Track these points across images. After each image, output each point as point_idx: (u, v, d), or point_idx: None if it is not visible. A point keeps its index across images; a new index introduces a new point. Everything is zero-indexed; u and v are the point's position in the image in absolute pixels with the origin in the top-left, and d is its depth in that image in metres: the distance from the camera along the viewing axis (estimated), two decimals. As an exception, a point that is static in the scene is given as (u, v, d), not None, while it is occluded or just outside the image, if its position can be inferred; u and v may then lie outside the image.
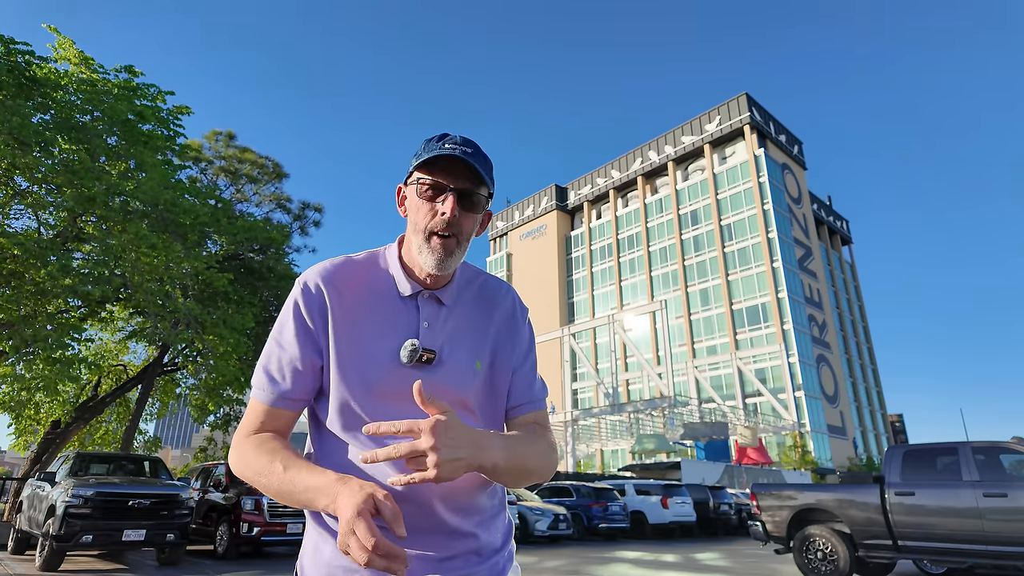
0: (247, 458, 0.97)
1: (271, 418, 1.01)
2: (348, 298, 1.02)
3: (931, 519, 6.75)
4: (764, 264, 60.53)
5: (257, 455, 0.96)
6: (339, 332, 1.00)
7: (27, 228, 12.06)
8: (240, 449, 0.99)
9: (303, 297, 1.01)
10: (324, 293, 1.01)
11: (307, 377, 1.01)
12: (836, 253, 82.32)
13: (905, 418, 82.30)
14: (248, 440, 0.99)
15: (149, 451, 18.59)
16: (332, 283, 1.01)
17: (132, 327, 16.60)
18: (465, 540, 1.00)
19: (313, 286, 1.01)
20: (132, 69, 13.18)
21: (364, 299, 1.03)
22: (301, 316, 1.00)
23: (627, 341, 34.35)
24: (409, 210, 1.04)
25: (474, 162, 0.97)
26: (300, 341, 1.00)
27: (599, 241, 78.70)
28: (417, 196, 1.01)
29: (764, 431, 42.92)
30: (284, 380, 1.00)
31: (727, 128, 67.10)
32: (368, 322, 1.01)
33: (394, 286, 1.04)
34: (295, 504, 0.92)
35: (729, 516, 18.90)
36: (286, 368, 1.00)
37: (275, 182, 20.21)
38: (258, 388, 1.01)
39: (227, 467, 10.75)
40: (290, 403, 1.00)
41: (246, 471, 0.96)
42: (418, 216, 1.00)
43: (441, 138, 1.01)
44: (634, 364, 62.54)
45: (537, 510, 14.49)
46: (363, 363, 0.99)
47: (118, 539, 7.55)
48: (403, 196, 1.06)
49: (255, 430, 1.00)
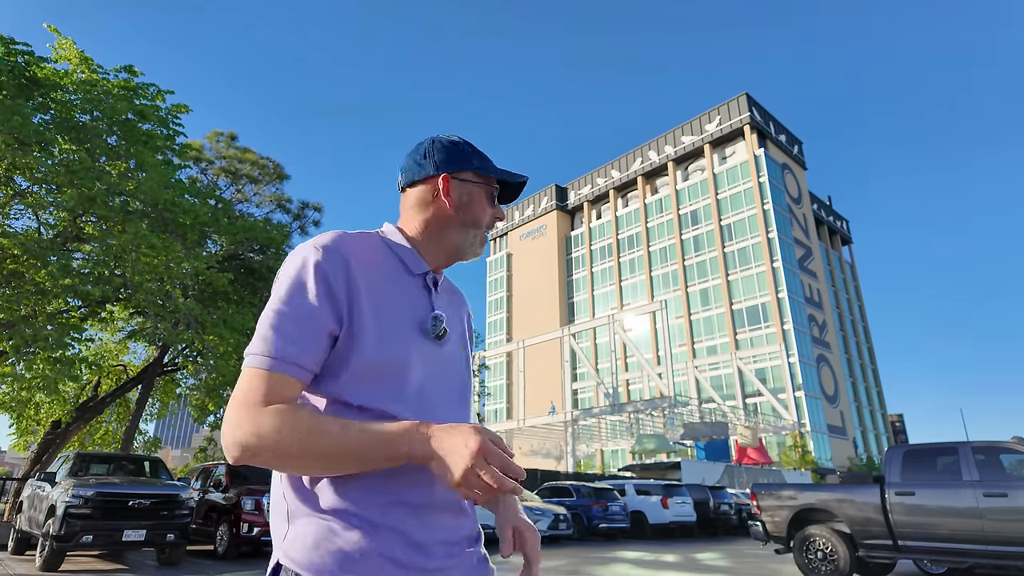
0: (280, 421, 0.83)
1: (279, 391, 0.87)
2: (369, 271, 0.98)
3: (931, 519, 6.75)
4: (764, 264, 60.53)
5: (297, 416, 0.84)
6: (365, 303, 0.94)
7: (27, 228, 12.06)
8: (260, 416, 0.84)
9: (325, 258, 0.93)
10: (348, 260, 0.95)
11: (325, 346, 0.91)
12: (836, 253, 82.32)
13: (905, 418, 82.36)
14: (270, 408, 0.85)
15: (149, 451, 18.61)
16: (353, 253, 0.96)
17: (132, 327, 16.59)
18: (468, 520, 1.00)
19: (334, 250, 0.94)
20: (131, 69, 13.19)
21: (379, 270, 1.00)
22: (326, 277, 0.91)
23: (627, 341, 34.35)
24: (463, 202, 1.08)
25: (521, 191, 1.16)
26: (323, 303, 0.90)
27: (599, 241, 78.70)
28: (481, 193, 1.10)
29: (764, 431, 42.91)
30: (302, 345, 0.88)
31: (727, 128, 67.09)
32: (392, 295, 0.98)
33: (402, 264, 1.04)
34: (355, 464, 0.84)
35: (729, 516, 18.89)
36: (306, 330, 0.89)
37: (276, 183, 20.23)
38: (263, 354, 0.87)
39: (227, 467, 10.75)
40: (303, 373, 0.89)
41: (284, 434, 0.82)
42: (476, 210, 1.09)
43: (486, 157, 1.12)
44: (634, 364, 62.52)
45: (537, 510, 14.48)
46: (387, 331, 0.95)
47: (118, 539, 7.56)
48: (449, 188, 1.07)
49: (268, 401, 0.86)
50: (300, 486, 0.91)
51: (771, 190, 62.30)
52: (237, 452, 0.84)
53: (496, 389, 75.36)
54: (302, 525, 0.89)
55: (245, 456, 0.84)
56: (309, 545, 0.87)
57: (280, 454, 0.83)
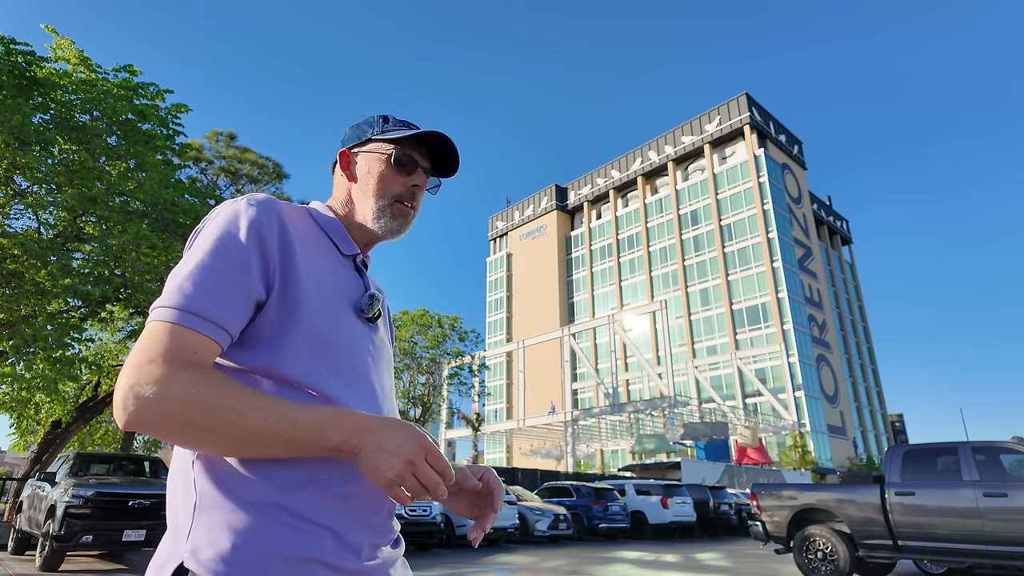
0: (192, 382, 0.71)
1: (192, 350, 0.75)
2: (302, 234, 0.91)
3: (931, 519, 6.75)
4: (764, 264, 60.54)
5: (214, 379, 0.73)
6: (303, 265, 0.87)
7: (27, 228, 12.06)
8: (169, 375, 0.71)
9: (260, 213, 0.85)
10: (288, 227, 0.87)
11: (247, 311, 0.81)
12: (836, 253, 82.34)
13: (905, 418, 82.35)
14: (189, 370, 0.73)
15: (149, 451, 18.61)
16: (292, 222, 0.90)
17: (132, 327, 16.59)
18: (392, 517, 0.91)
19: (270, 208, 0.87)
20: (131, 68, 13.17)
21: (315, 241, 0.94)
22: (260, 233, 0.83)
23: (627, 341, 34.35)
24: (366, 175, 1.02)
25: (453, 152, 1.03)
26: (253, 260, 0.82)
27: (599, 241, 78.71)
28: (385, 165, 1.01)
29: (764, 431, 42.93)
30: (224, 302, 0.78)
31: (727, 128, 67.10)
32: (328, 274, 0.92)
33: (332, 242, 0.99)
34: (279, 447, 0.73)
35: (729, 516, 18.90)
36: (231, 287, 0.79)
37: (275, 182, 20.25)
38: (177, 307, 0.76)
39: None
40: (222, 335, 0.78)
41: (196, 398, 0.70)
42: (385, 183, 1.01)
43: (406, 122, 1.04)
44: (634, 364, 62.57)
45: (537, 510, 14.48)
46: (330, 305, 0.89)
47: (118, 539, 7.55)
48: (351, 162, 1.05)
49: (180, 359, 0.74)
50: (216, 470, 0.77)
51: (771, 190, 62.31)
52: (133, 413, 0.70)
53: (496, 389, 75.34)
54: (217, 520, 0.74)
55: (143, 419, 0.71)
56: (226, 546, 0.72)
57: (190, 423, 0.70)
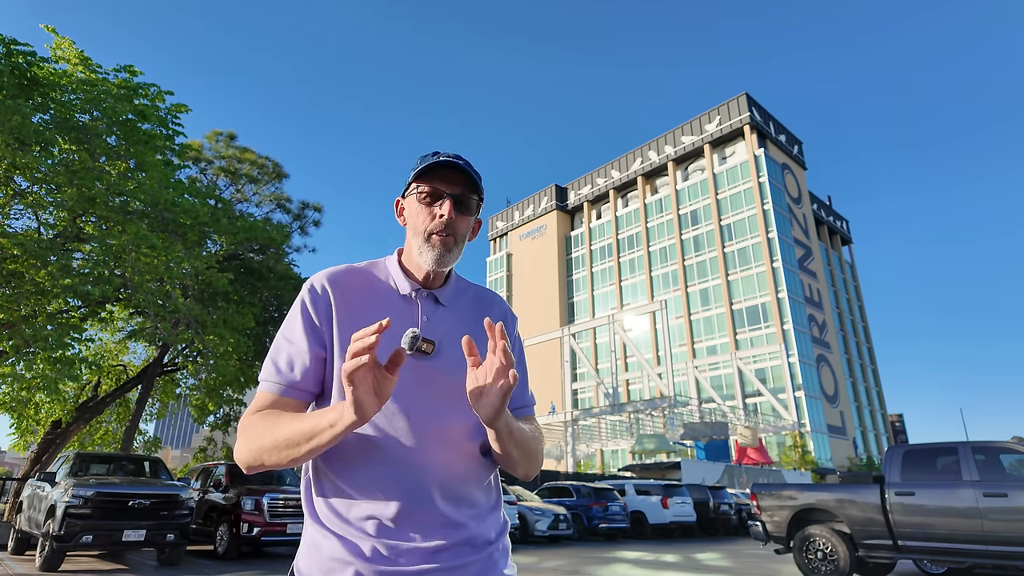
0: (255, 428, 0.99)
1: (278, 407, 1.05)
2: (351, 296, 1.10)
3: (931, 519, 6.75)
4: (764, 264, 60.53)
5: (263, 419, 1.00)
6: (343, 325, 1.07)
7: (27, 228, 12.05)
8: (245, 424, 1.01)
9: (309, 296, 1.09)
10: (329, 292, 1.09)
11: (313, 369, 1.07)
12: (836, 253, 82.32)
13: (905, 418, 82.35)
14: (255, 414, 1.03)
15: (149, 451, 18.59)
16: (336, 283, 1.10)
17: (132, 327, 16.58)
18: (457, 530, 1.02)
19: (319, 286, 1.10)
20: (131, 68, 13.16)
21: (366, 297, 1.11)
22: (308, 313, 1.08)
23: (627, 341, 34.34)
24: (408, 217, 1.14)
25: (468, 169, 1.10)
26: (307, 335, 1.07)
27: (599, 241, 78.69)
28: (417, 203, 1.11)
29: (764, 431, 42.91)
30: (292, 370, 1.06)
31: (727, 128, 67.08)
32: (370, 316, 1.07)
33: (393, 287, 1.13)
34: (303, 449, 0.92)
35: (729, 516, 18.90)
36: (295, 359, 1.06)
37: (275, 182, 20.21)
38: (266, 379, 1.07)
39: (228, 467, 10.76)
40: (297, 392, 1.05)
41: (252, 439, 0.97)
42: (417, 220, 1.11)
43: (434, 153, 1.11)
44: (634, 364, 62.52)
45: (537, 510, 14.49)
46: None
47: (118, 539, 7.55)
48: (401, 208, 1.18)
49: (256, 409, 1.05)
50: (308, 497, 1.06)
51: (771, 190, 62.29)
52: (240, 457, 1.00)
53: (496, 389, 75.19)
54: (306, 534, 1.05)
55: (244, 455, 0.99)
56: (304, 551, 1.03)
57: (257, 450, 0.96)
